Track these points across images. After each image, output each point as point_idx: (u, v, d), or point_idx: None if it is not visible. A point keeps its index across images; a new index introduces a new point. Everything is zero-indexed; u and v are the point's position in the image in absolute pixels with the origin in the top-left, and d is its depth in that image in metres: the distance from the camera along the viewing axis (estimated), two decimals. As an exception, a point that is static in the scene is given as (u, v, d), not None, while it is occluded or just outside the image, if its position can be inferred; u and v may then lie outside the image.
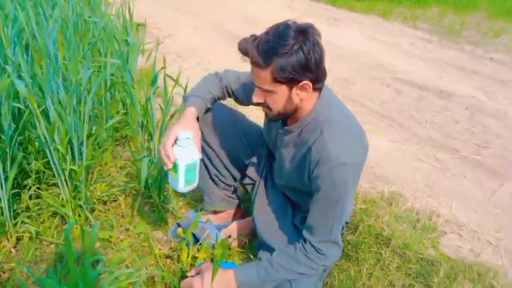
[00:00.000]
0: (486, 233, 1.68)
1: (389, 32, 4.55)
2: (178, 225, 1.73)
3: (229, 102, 1.59)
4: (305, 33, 1.09)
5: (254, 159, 1.59)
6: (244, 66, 1.28)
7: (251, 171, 1.59)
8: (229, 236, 1.67)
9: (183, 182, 1.31)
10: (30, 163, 1.75)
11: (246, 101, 1.53)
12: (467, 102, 2.84)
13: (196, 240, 1.62)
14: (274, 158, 1.58)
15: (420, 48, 3.97)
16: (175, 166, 1.28)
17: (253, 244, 1.66)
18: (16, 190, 1.64)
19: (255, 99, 1.22)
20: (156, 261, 1.57)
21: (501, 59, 3.75)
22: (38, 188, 1.74)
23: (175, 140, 1.29)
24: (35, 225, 1.66)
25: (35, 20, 1.75)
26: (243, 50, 1.15)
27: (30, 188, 1.74)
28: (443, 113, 2.68)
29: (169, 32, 2.13)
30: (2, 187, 1.50)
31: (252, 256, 1.56)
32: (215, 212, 1.73)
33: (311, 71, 1.12)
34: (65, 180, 1.62)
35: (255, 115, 2.16)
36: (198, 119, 1.41)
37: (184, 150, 1.27)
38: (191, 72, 2.71)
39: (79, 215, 1.73)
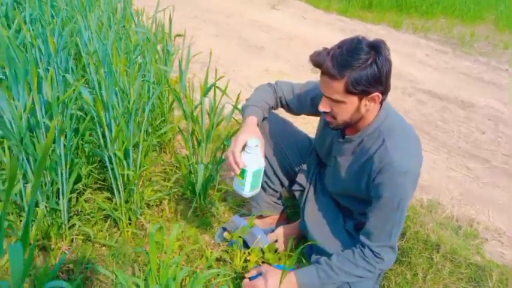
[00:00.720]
0: (525, 240, 1.75)
1: (404, 43, 4.64)
2: (224, 229, 1.78)
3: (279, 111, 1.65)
4: (378, 48, 1.16)
5: (304, 167, 1.65)
6: (263, 76, 1.34)
7: (301, 178, 1.65)
8: (276, 241, 1.72)
9: (248, 187, 1.36)
10: (80, 167, 1.80)
11: (298, 111, 1.60)
12: (489, 113, 2.92)
13: (244, 244, 1.67)
14: (324, 165, 1.65)
15: (436, 59, 4.05)
16: (242, 172, 1.34)
17: (298, 248, 1.72)
18: (71, 194, 1.69)
19: (321, 108, 1.28)
20: (208, 264, 1.61)
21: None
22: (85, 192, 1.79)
23: (243, 147, 1.35)
24: (85, 227, 1.71)
25: (90, 30, 1.81)
26: (316, 62, 1.21)
27: (79, 192, 1.79)
28: (467, 123, 2.75)
29: (192, 41, 2.20)
30: (62, 192, 1.55)
31: (303, 260, 1.61)
32: (260, 217, 1.79)
33: (382, 83, 1.19)
34: (121, 184, 1.67)
35: (297, 123, 2.22)
36: None
37: (252, 157, 1.33)
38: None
39: (129, 219, 1.77)
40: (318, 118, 1.61)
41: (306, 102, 1.53)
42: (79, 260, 1.59)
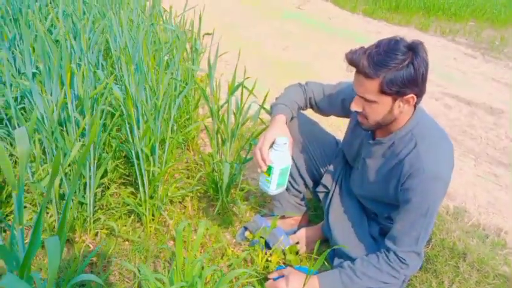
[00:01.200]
0: (554, 252, 1.69)
1: (431, 46, 4.56)
2: (245, 229, 1.78)
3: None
4: (415, 49, 1.14)
5: (330, 168, 1.64)
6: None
7: (327, 179, 1.63)
8: (297, 242, 1.71)
9: (275, 185, 1.36)
10: (107, 162, 1.83)
11: (328, 112, 1.59)
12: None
13: (266, 244, 1.67)
14: (350, 168, 1.63)
15: (464, 63, 3.97)
16: (269, 169, 1.33)
17: (320, 251, 1.71)
18: (97, 189, 1.72)
19: (354, 107, 1.27)
20: (230, 263, 1.62)
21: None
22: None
23: (271, 144, 1.35)
24: (109, 221, 1.73)
25: (121, 27, 1.84)
26: (352, 60, 1.20)
27: (105, 186, 1.82)
28: (496, 129, 2.69)
29: (220, 40, 2.22)
30: (90, 186, 1.57)
31: (326, 263, 1.60)
32: (282, 218, 1.79)
33: (417, 85, 1.18)
34: (146, 180, 1.70)
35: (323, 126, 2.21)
36: None
37: (279, 154, 1.33)
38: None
39: (152, 214, 1.79)
40: (345, 122, 1.60)
41: (336, 103, 1.52)
42: (102, 254, 1.61)
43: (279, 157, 1.33)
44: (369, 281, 1.33)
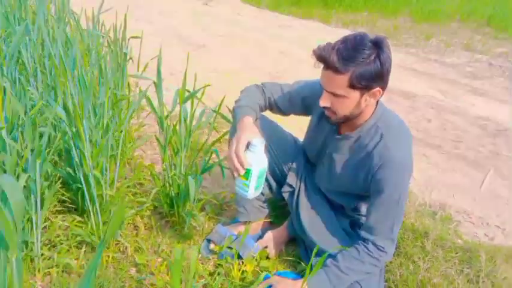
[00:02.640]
0: (490, 218, 1.90)
1: (336, 37, 4.81)
2: (209, 241, 1.71)
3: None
4: (380, 44, 1.18)
5: (294, 166, 1.63)
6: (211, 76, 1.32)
7: (291, 178, 1.63)
8: (266, 246, 1.69)
9: (253, 188, 1.32)
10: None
11: (288, 111, 1.58)
12: (430, 101, 3.14)
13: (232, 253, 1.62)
14: (312, 165, 1.65)
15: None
16: (247, 172, 1.28)
17: (288, 251, 1.71)
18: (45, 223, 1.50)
19: (322, 103, 1.28)
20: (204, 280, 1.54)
21: (442, 60, 4.18)
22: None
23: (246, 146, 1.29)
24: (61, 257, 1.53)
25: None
26: (320, 56, 1.20)
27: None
28: (413, 112, 2.93)
29: (134, 42, 2.08)
30: (37, 224, 1.36)
31: (302, 263, 1.59)
32: (245, 223, 1.74)
33: (383, 79, 1.22)
34: (98, 206, 1.52)
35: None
36: None
37: (256, 156, 1.28)
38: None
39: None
40: (302, 120, 1.60)
41: (297, 101, 1.52)
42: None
43: (256, 159, 1.28)
44: (353, 274, 1.36)
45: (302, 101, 1.51)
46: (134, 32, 2.14)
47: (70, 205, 1.70)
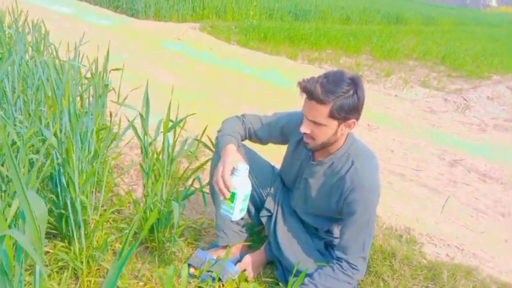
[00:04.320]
0: (450, 240, 2.06)
1: (302, 73, 5.06)
2: (189, 266, 1.76)
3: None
4: (356, 81, 1.34)
5: (271, 191, 1.74)
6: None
7: (269, 203, 1.73)
8: (245, 270, 1.76)
9: (238, 210, 1.40)
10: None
11: (267, 140, 1.70)
12: (392, 133, 3.36)
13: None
14: (288, 190, 1.76)
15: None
16: (232, 195, 1.37)
17: (266, 274, 1.78)
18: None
19: (303, 129, 1.42)
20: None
21: (402, 96, 4.48)
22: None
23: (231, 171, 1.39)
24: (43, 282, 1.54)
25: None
26: (306, 88, 1.35)
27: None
28: (377, 143, 3.13)
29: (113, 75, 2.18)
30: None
31: (280, 284, 1.67)
32: (224, 247, 1.81)
33: (358, 112, 1.37)
34: (82, 231, 1.56)
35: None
36: None
37: (242, 180, 1.38)
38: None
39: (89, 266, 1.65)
40: (278, 149, 1.73)
41: (275, 130, 1.64)
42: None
43: (241, 183, 1.38)
44: (329, 292, 1.46)
45: (280, 130, 1.64)
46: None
47: (51, 230, 1.72)
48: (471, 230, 2.18)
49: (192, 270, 1.75)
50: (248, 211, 1.77)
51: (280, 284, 1.67)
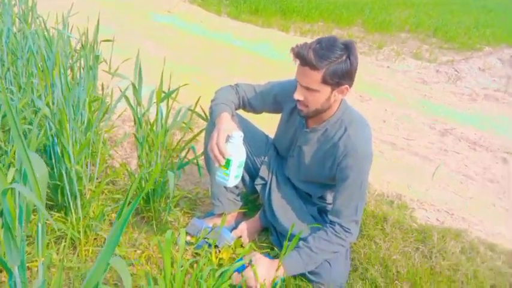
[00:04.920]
0: (440, 205, 2.11)
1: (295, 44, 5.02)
2: (185, 234, 1.79)
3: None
4: (350, 46, 1.34)
5: (266, 160, 1.76)
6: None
7: (264, 171, 1.75)
8: (240, 236, 1.79)
9: (233, 177, 1.42)
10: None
11: (260, 109, 1.71)
12: (384, 104, 3.38)
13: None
14: (282, 159, 1.79)
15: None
16: (227, 162, 1.39)
17: (262, 240, 1.82)
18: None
19: (296, 96, 1.42)
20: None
21: (394, 68, 4.48)
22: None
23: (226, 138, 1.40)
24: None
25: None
26: (299, 53, 1.35)
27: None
28: (369, 113, 3.14)
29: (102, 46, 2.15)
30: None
31: (275, 249, 1.71)
32: (220, 215, 1.84)
33: (352, 78, 1.38)
34: (79, 201, 1.57)
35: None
36: None
37: (236, 147, 1.40)
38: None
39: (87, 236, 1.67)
40: (271, 118, 1.74)
41: (268, 99, 1.65)
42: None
43: (236, 150, 1.39)
44: (322, 254, 1.50)
45: (274, 98, 1.64)
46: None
47: (48, 202, 1.73)
48: (460, 196, 2.23)
49: (188, 238, 1.78)
50: (243, 180, 1.79)
51: (275, 248, 1.72)
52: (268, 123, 1.99)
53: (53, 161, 1.58)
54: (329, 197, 1.72)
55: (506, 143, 2.89)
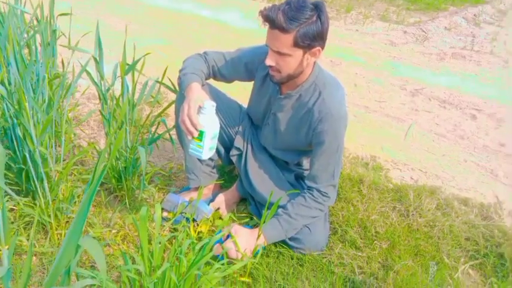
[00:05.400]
0: (413, 164, 2.14)
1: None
2: (162, 210, 1.75)
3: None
4: (319, 6, 1.29)
5: (240, 130, 1.72)
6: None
7: (238, 141, 1.72)
8: (218, 208, 1.77)
9: (207, 149, 1.37)
10: None
11: (231, 77, 1.65)
12: (354, 67, 3.37)
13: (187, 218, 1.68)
14: (256, 127, 1.75)
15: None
16: (200, 134, 1.34)
17: (240, 210, 1.80)
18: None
19: (268, 62, 1.37)
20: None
21: (363, 30, 4.45)
22: None
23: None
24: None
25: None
26: (268, 16, 1.29)
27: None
28: (340, 77, 3.11)
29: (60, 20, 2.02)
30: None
31: (255, 218, 1.69)
32: (196, 189, 1.81)
33: (323, 39, 1.33)
34: (46, 184, 1.50)
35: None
36: None
37: (209, 118, 1.34)
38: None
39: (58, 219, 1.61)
40: (239, 89, 1.69)
41: (239, 67, 1.59)
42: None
43: (208, 121, 1.34)
44: (302, 219, 1.50)
45: (245, 66, 1.58)
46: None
47: (13, 187, 1.65)
48: (433, 154, 2.27)
49: (165, 214, 1.75)
50: (217, 151, 1.75)
51: (254, 217, 1.71)
52: (241, 92, 1.94)
53: (15, 143, 1.49)
54: (306, 163, 1.70)
55: (475, 100, 2.95)
